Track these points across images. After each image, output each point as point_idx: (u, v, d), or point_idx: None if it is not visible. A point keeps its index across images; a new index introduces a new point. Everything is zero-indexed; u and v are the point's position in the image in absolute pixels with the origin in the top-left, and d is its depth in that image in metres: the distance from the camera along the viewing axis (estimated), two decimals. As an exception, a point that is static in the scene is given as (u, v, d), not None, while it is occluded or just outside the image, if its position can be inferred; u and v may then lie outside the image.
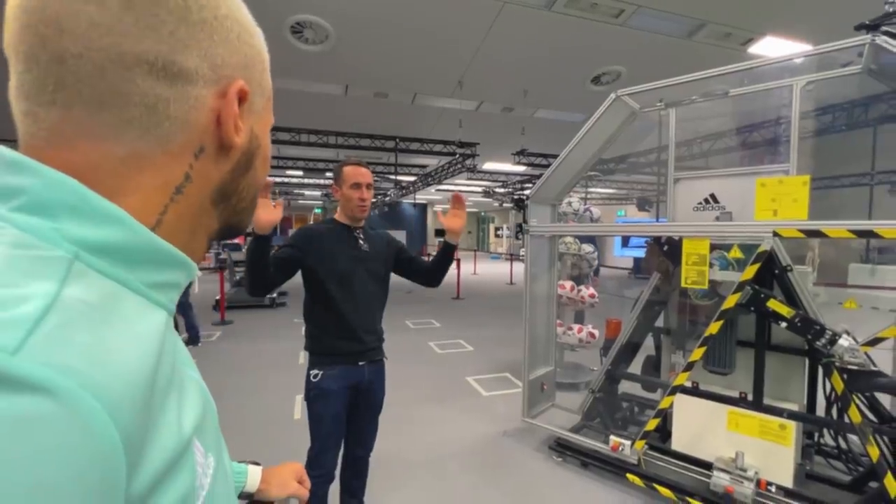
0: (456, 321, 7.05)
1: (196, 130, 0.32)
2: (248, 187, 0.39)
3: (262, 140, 0.39)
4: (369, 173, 1.77)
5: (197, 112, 0.32)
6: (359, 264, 1.74)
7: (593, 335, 3.90)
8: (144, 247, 0.29)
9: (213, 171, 0.35)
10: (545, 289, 3.13)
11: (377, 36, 5.71)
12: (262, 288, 1.55)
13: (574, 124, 9.24)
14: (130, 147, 0.30)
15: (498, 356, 5.00)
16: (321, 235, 1.74)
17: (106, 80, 0.28)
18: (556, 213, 3.15)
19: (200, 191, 0.34)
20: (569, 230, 3.52)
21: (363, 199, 1.74)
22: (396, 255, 1.89)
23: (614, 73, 6.80)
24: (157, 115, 0.30)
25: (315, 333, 1.76)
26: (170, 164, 0.32)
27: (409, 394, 3.82)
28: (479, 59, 6.44)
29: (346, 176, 1.73)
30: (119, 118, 0.29)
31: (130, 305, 0.28)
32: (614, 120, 2.71)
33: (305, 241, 1.69)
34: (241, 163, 0.37)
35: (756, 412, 2.23)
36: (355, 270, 1.72)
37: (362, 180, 1.73)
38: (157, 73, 0.29)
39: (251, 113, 0.37)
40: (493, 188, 14.15)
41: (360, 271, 1.74)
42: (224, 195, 0.37)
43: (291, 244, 1.68)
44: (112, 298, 0.27)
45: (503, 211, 26.69)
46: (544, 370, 3.14)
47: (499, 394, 3.89)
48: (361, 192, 1.73)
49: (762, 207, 1.96)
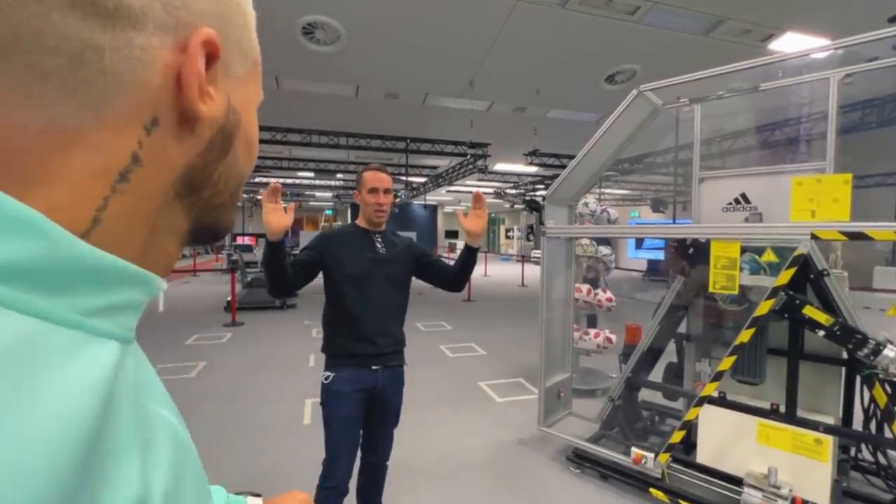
0: (467, 324, 6.96)
1: (145, 94, 0.23)
2: (226, 177, 0.30)
3: (242, 116, 0.30)
4: (388, 178, 1.75)
5: (145, 68, 0.23)
6: (375, 267, 1.70)
7: (611, 340, 3.78)
8: (71, 262, 0.20)
9: (175, 151, 0.26)
10: (562, 292, 3.03)
11: (388, 36, 5.69)
12: (282, 290, 1.58)
13: (587, 124, 9.09)
14: (49, 114, 0.21)
15: (511, 361, 4.90)
16: (340, 238, 1.74)
17: (3, 13, 0.19)
18: (572, 214, 3.05)
19: (157, 178, 0.25)
20: (588, 231, 3.42)
21: (380, 204, 1.71)
22: (417, 259, 1.83)
23: (629, 72, 6.67)
24: (85, 69, 0.21)
25: (329, 334, 1.73)
26: (109, 139, 0.23)
27: (421, 398, 3.74)
28: (490, 58, 6.37)
29: (365, 181, 1.72)
30: (29, 72, 0.20)
31: (55, 347, 0.19)
32: (636, 117, 2.60)
33: (324, 242, 1.70)
34: (214, 143, 0.28)
35: (789, 425, 2.11)
36: (371, 273, 1.68)
37: (380, 185, 1.70)
38: (83, 7, 0.21)
39: (227, 78, 0.28)
40: (504, 189, 14.03)
41: (377, 274, 1.70)
42: (192, 185, 0.28)
43: (312, 246, 1.69)
44: (23, 343, 0.18)
45: (514, 212, 26.55)
46: (561, 377, 3.03)
47: (513, 400, 3.79)
48: (378, 197, 1.70)
49: (798, 208, 1.84)
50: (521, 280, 12.78)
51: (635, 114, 2.57)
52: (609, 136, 2.60)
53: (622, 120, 2.51)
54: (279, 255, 1.49)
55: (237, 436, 3.08)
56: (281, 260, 1.49)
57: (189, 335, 5.87)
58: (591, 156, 2.65)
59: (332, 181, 14.46)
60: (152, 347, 5.32)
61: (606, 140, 2.61)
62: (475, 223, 1.63)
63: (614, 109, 2.53)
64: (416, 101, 8.00)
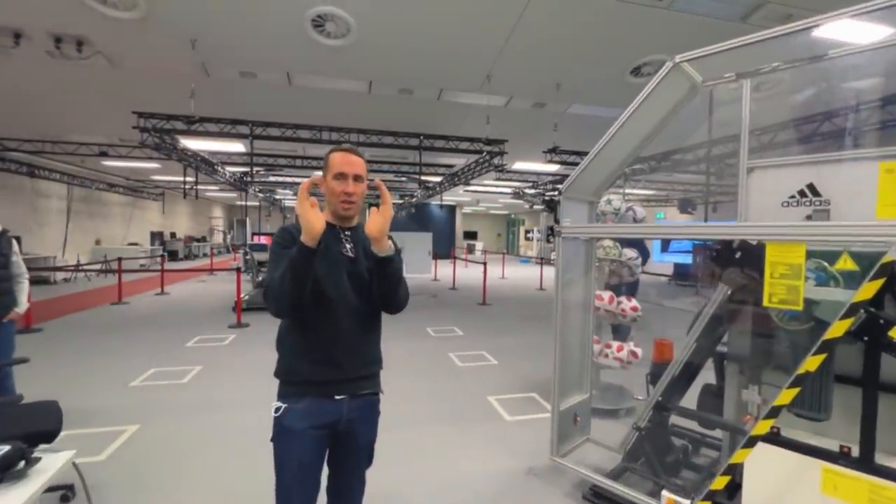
0: (480, 329, 6.59)
1: None
2: None
3: None
4: (361, 163, 1.40)
5: None
6: (338, 269, 1.36)
7: (636, 354, 3.36)
8: None
9: None
10: (580, 300, 2.64)
11: (401, 28, 5.42)
12: (296, 309, 1.27)
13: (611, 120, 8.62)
14: None
15: (524, 373, 4.51)
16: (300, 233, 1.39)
17: None
18: (593, 211, 2.66)
19: None
20: (612, 231, 3.01)
21: (348, 194, 1.37)
22: None
23: (657, 64, 6.20)
24: None
25: (283, 354, 1.40)
26: None
27: (423, 413, 3.40)
28: (508, 50, 6.03)
29: (331, 164, 1.38)
30: None
31: None
32: (669, 96, 2.20)
33: (290, 238, 1.33)
34: None
35: (864, 473, 1.68)
36: (332, 276, 1.34)
37: (348, 170, 1.36)
38: None
39: None
40: (522, 189, 13.59)
41: (340, 278, 1.36)
42: None
43: (284, 242, 1.34)
44: None
45: (533, 213, 25.98)
46: (578, 398, 2.65)
47: (524, 419, 3.41)
48: (346, 185, 1.37)
49: (888, 202, 1.43)
50: (539, 283, 12.31)
51: (669, 92, 2.17)
52: (637, 120, 2.20)
53: (653, 100, 2.12)
54: (312, 265, 1.22)
55: (224, 447, 2.81)
56: (311, 272, 1.23)
57: (191, 336, 5.69)
58: (614, 144, 2.27)
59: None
60: (152, 349, 5.15)
61: (633, 125, 2.22)
62: (372, 222, 1.28)
63: None
64: (431, 97, 7.73)
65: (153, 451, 2.80)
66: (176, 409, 3.46)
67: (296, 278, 1.19)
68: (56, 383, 3.94)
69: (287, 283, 1.19)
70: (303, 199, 1.19)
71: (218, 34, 5.41)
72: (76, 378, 4.11)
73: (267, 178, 12.13)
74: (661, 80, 2.05)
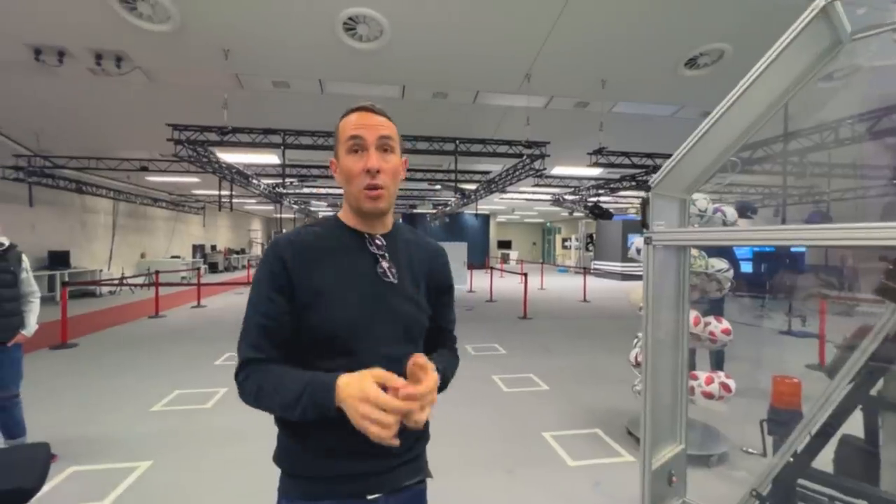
0: (524, 347, 6.02)
1: None
2: None
3: None
4: (388, 124, 0.89)
5: None
6: (378, 306, 0.86)
7: (728, 388, 2.75)
8: None
9: None
10: (671, 326, 2.08)
11: (436, 27, 5.12)
12: None
13: (661, 118, 7.92)
14: None
15: (582, 401, 3.92)
16: (311, 251, 0.86)
17: None
18: (685, 211, 2.11)
19: None
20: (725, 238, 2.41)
21: (372, 175, 0.84)
22: (437, 292, 1.03)
23: (715, 53, 5.56)
24: None
25: (283, 431, 0.90)
26: None
27: (467, 453, 2.90)
28: (549, 46, 5.58)
29: (343, 131, 0.88)
30: None
31: None
32: (805, 53, 1.64)
33: (279, 269, 0.83)
34: None
35: None
36: (373, 319, 0.85)
37: (367, 134, 0.85)
38: None
39: None
40: (562, 195, 12.93)
41: (383, 318, 0.87)
42: None
43: (274, 281, 0.84)
44: None
45: (570, 221, 25.06)
46: (671, 450, 2.07)
47: (591, 465, 2.83)
48: (368, 159, 0.84)
49: None
50: (582, 295, 11.55)
51: (806, 48, 1.61)
52: (759, 87, 1.66)
53: (790, 55, 1.57)
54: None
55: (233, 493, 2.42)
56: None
57: (221, 353, 5.45)
58: (727, 120, 1.72)
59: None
60: (180, 366, 4.91)
61: (755, 93, 1.67)
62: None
63: (696, 98, 1.60)
64: (467, 100, 7.37)
65: (160, 497, 2.44)
66: (194, 440, 3.12)
67: (303, 418, 0.75)
68: (77, 406, 3.72)
69: (283, 410, 0.77)
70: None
71: (250, 43, 5.34)
72: (99, 400, 3.88)
73: (300, 189, 12.10)
74: (803, 30, 1.50)
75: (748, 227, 2.15)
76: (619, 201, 15.42)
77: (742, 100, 1.71)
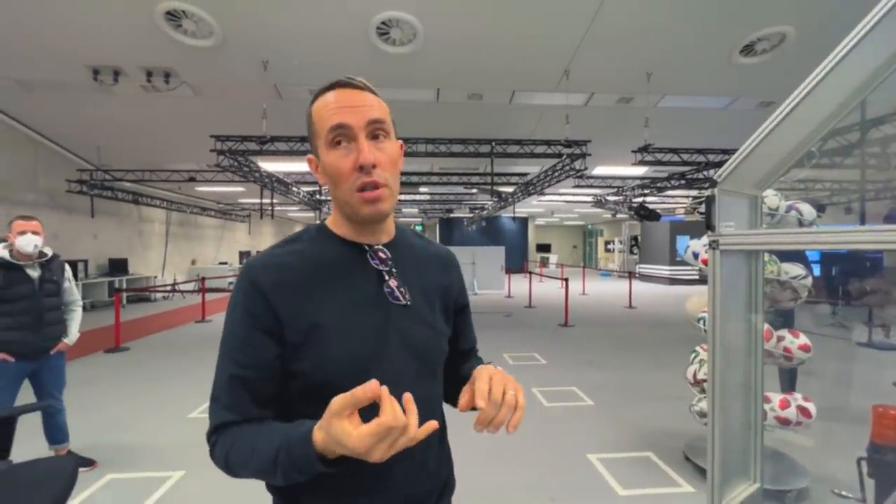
0: (566, 357, 5.70)
1: None
2: None
3: None
4: (376, 101, 0.70)
5: None
6: (389, 337, 0.70)
7: (807, 412, 2.38)
8: None
9: None
10: (741, 342, 1.79)
11: (469, 27, 4.99)
12: None
13: (713, 111, 7.38)
14: None
15: (631, 420, 3.60)
16: (300, 275, 0.68)
17: None
18: (757, 210, 1.81)
19: None
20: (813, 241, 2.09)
21: (367, 171, 0.66)
22: (455, 309, 0.85)
23: (776, 37, 5.06)
24: None
25: (286, 496, 0.76)
26: None
27: (506, 479, 2.68)
28: (588, 40, 5.30)
29: (318, 119, 0.69)
30: None
31: None
32: None
33: (255, 302, 0.66)
34: None
35: None
36: (384, 354, 0.69)
37: (353, 120, 0.66)
38: None
39: None
40: (604, 196, 12.39)
41: (396, 351, 0.70)
42: None
43: (248, 315, 0.66)
44: None
45: (613, 223, 24.12)
46: (746, 489, 1.78)
47: (645, 494, 2.53)
48: (360, 153, 0.65)
49: None
50: (628, 301, 10.97)
51: None
52: (852, 62, 1.37)
53: (879, 33, 1.28)
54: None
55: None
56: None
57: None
58: (808, 105, 1.44)
59: (416, 195, 14.13)
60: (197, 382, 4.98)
61: (845, 71, 1.39)
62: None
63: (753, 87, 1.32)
64: (503, 101, 7.17)
65: (192, 509, 2.40)
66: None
67: (287, 481, 0.59)
68: (120, 410, 3.81)
69: (264, 478, 0.63)
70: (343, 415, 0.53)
71: (287, 54, 5.46)
72: (141, 405, 3.97)
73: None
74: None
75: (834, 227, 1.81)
76: (666, 201, 14.60)
77: (826, 82, 1.43)
